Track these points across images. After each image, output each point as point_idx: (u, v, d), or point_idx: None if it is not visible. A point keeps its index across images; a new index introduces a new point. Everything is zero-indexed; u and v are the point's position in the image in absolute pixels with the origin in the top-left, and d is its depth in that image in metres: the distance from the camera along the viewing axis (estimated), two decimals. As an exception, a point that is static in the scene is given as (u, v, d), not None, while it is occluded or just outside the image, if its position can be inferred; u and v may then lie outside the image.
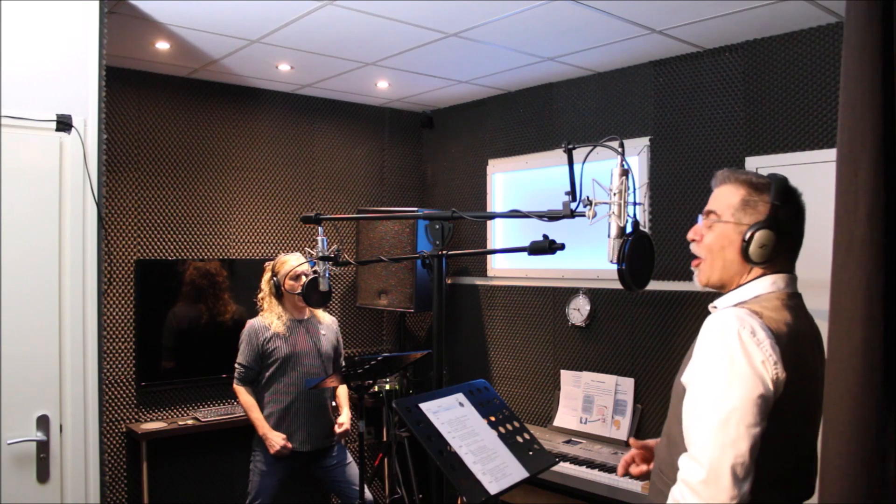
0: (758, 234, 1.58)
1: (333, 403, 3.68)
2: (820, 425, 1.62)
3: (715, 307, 1.69)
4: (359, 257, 4.56)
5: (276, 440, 3.39)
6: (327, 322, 3.70)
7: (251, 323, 3.54)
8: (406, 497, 4.09)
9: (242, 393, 3.49)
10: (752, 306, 1.55)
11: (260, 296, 3.59)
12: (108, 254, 3.78)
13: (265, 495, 3.44)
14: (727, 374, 1.45)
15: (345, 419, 3.63)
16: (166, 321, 4.03)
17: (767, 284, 1.62)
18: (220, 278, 4.21)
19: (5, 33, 2.33)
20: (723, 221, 1.65)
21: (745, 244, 1.59)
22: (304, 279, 3.47)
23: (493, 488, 1.71)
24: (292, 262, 3.51)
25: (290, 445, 3.41)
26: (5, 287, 2.29)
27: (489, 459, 1.80)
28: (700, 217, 1.75)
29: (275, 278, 3.52)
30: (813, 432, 1.60)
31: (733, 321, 1.49)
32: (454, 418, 1.87)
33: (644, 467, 1.87)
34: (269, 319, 3.50)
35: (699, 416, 1.47)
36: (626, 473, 1.91)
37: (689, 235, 1.75)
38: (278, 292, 3.52)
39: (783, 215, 1.59)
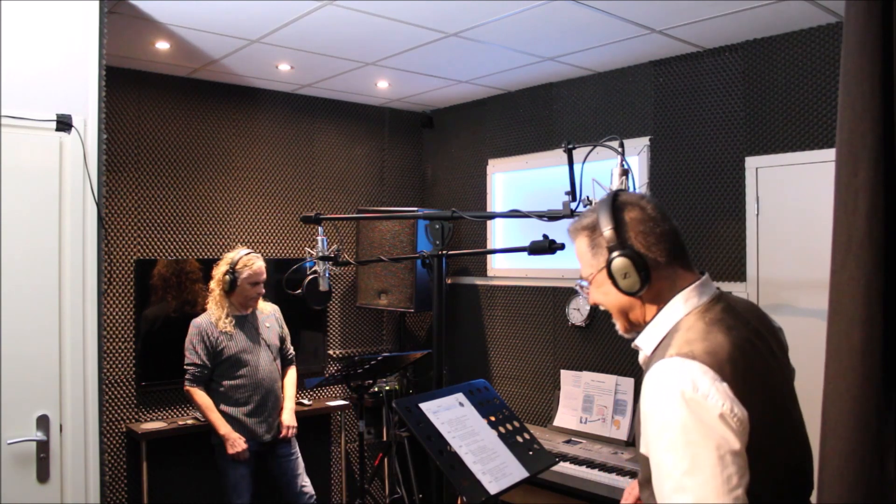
0: (612, 268, 1.46)
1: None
2: (802, 420, 1.48)
3: (638, 347, 1.55)
4: (359, 257, 4.56)
5: (239, 443, 3.39)
6: (268, 312, 3.69)
7: (198, 322, 3.49)
8: (406, 497, 4.09)
9: (198, 394, 3.44)
10: (680, 346, 1.39)
11: (211, 284, 3.54)
12: (108, 254, 3.78)
13: (243, 484, 3.46)
14: (684, 449, 1.30)
15: (288, 419, 3.61)
16: (166, 321, 4.02)
17: (680, 306, 1.47)
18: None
19: (5, 33, 2.33)
20: (591, 277, 1.56)
21: (614, 283, 1.47)
22: (261, 288, 3.49)
23: (492, 488, 1.71)
24: (255, 266, 3.48)
25: (247, 450, 3.42)
26: (5, 287, 2.29)
27: (489, 459, 1.80)
28: (577, 286, 1.69)
29: (233, 275, 3.47)
30: (800, 434, 1.48)
31: (671, 381, 1.34)
32: (454, 418, 1.87)
33: None
34: (216, 316, 3.47)
35: (673, 500, 1.31)
36: None
37: (589, 302, 1.64)
38: (231, 288, 3.47)
39: (626, 232, 1.47)
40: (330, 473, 4.73)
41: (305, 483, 3.65)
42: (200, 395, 3.44)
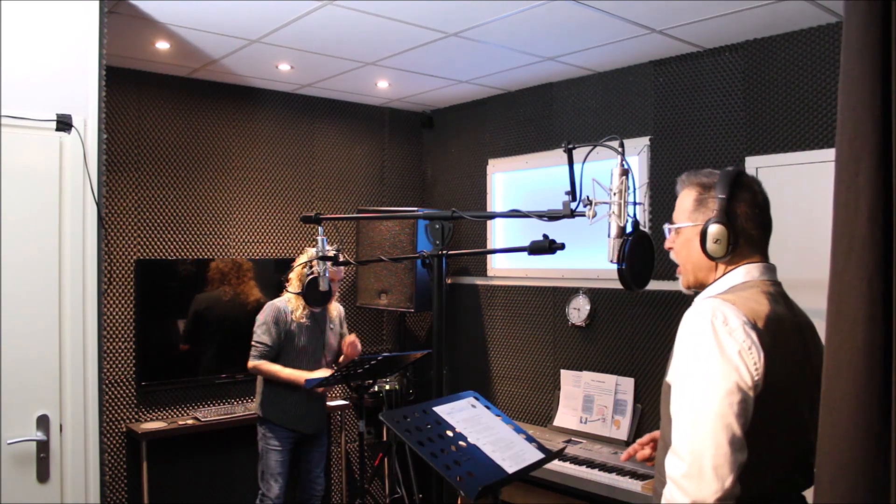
0: (709, 230, 1.60)
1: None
2: (813, 427, 1.59)
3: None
4: (359, 257, 4.56)
5: (305, 374, 3.47)
6: (335, 314, 3.82)
7: (276, 304, 3.59)
8: (406, 497, 4.09)
9: (266, 363, 3.52)
10: (726, 296, 1.56)
11: (291, 275, 3.61)
12: (108, 254, 3.78)
13: (282, 470, 3.53)
14: (701, 367, 1.46)
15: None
16: (166, 320, 4.03)
17: (741, 275, 1.64)
18: (219, 278, 4.20)
19: (5, 33, 2.33)
20: (682, 226, 1.70)
21: (703, 242, 1.62)
22: (336, 286, 3.63)
23: (510, 468, 1.75)
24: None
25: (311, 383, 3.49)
26: (5, 287, 2.29)
27: (507, 447, 1.86)
28: (666, 227, 1.79)
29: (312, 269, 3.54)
30: (807, 425, 1.56)
31: (706, 311, 1.50)
32: (469, 417, 1.92)
33: (648, 451, 1.88)
34: (295, 305, 3.58)
35: (678, 413, 1.49)
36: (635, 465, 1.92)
37: (665, 245, 1.79)
38: None
39: (734, 208, 1.62)
40: (330, 473, 4.72)
41: (321, 475, 3.77)
42: (268, 364, 3.51)
